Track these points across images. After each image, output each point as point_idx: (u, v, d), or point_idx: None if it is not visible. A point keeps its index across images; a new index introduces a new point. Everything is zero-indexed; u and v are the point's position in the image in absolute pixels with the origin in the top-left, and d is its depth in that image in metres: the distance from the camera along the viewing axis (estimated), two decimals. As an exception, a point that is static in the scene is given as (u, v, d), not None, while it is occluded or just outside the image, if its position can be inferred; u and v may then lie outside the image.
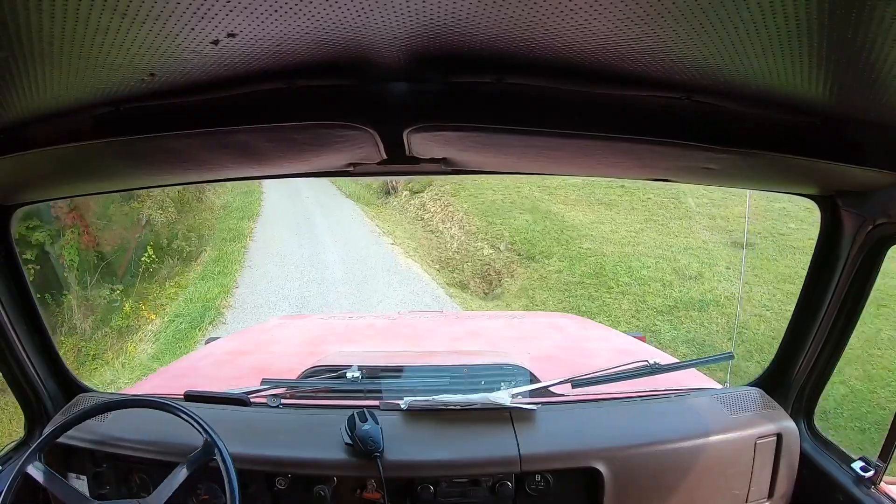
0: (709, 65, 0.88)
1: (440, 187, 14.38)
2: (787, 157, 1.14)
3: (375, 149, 1.24)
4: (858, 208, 1.39)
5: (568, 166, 1.62)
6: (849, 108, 0.99)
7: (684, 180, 1.58)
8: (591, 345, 2.89)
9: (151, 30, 0.74)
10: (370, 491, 1.57)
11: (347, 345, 2.78)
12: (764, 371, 1.86)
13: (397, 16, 0.76)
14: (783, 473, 1.66)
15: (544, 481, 1.59)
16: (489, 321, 3.56)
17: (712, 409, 1.73)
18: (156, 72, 0.91)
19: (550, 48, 0.88)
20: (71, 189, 1.76)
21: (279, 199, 16.41)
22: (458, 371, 2.02)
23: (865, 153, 1.11)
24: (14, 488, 1.40)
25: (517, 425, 1.63)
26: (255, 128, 1.10)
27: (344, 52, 0.90)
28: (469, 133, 1.16)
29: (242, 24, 0.76)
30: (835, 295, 1.52)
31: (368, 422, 1.56)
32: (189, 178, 1.64)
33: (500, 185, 12.95)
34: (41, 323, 1.74)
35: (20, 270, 1.65)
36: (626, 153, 1.28)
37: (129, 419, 1.65)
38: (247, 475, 1.54)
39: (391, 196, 16.26)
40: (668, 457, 1.59)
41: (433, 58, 0.95)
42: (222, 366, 2.61)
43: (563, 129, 1.09)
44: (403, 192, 15.76)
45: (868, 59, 0.76)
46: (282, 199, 16.55)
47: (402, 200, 15.58)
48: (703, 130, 1.09)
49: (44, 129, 1.07)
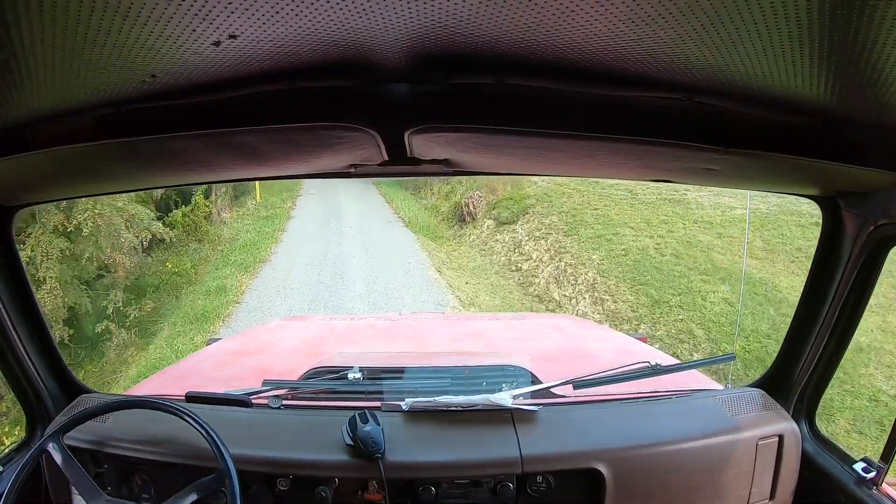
0: (710, 66, 0.88)
1: (541, 218, 10.05)
2: (788, 157, 1.14)
3: (377, 150, 1.24)
4: (860, 209, 1.39)
5: (569, 167, 1.63)
6: (850, 108, 0.99)
7: (686, 181, 1.58)
8: (593, 346, 2.89)
9: (153, 31, 0.74)
10: (371, 492, 1.57)
11: (348, 346, 2.79)
12: (765, 372, 1.86)
13: (398, 17, 0.76)
14: (785, 474, 1.66)
15: (546, 482, 1.59)
16: (490, 322, 3.56)
17: (714, 411, 1.72)
18: (157, 73, 0.91)
19: (551, 49, 0.88)
20: (72, 190, 1.77)
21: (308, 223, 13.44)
22: (459, 372, 2.02)
23: (867, 154, 1.11)
24: (18, 485, 1.40)
25: (518, 426, 1.63)
26: (256, 129, 1.10)
27: (345, 53, 0.90)
28: (470, 134, 1.16)
29: (244, 26, 0.76)
30: (836, 296, 1.51)
31: (370, 423, 1.56)
32: (190, 178, 1.64)
33: (642, 219, 8.60)
34: (42, 323, 1.74)
35: (21, 271, 1.66)
36: (628, 154, 1.28)
37: (130, 420, 1.65)
38: (248, 476, 1.54)
39: (467, 226, 12.48)
40: (670, 458, 1.59)
41: (434, 59, 0.95)
42: (224, 367, 2.61)
43: (564, 130, 1.09)
44: (485, 222, 11.98)
45: (869, 60, 0.76)
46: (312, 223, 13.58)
47: (484, 234, 11.57)
48: (705, 131, 1.09)
49: (45, 130, 1.07)
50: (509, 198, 11.88)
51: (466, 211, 12.48)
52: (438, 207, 14.30)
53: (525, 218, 10.56)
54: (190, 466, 1.57)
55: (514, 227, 10.68)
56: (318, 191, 17.93)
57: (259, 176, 1.71)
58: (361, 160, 1.39)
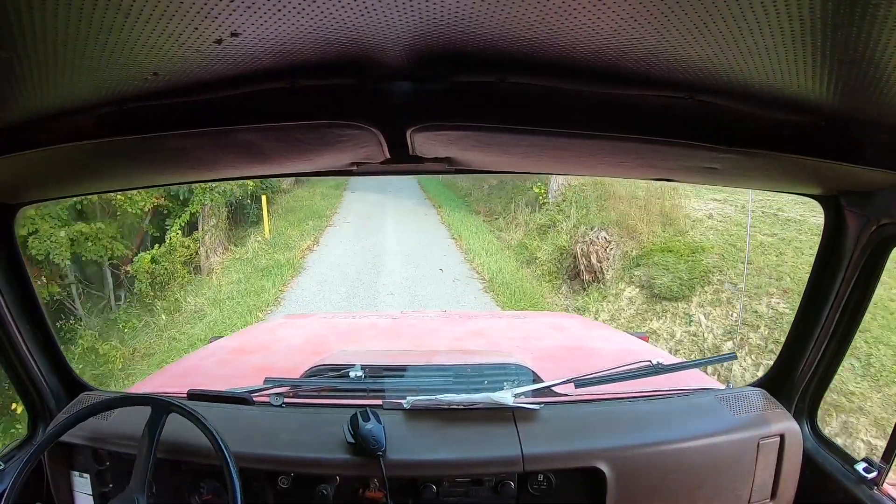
0: (712, 64, 0.88)
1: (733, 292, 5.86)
2: (790, 156, 1.13)
3: (379, 148, 1.24)
4: (862, 209, 1.39)
5: (571, 166, 1.62)
6: (853, 107, 0.99)
7: (688, 180, 1.57)
8: (594, 344, 2.88)
9: (155, 29, 0.74)
10: (373, 490, 1.57)
11: (350, 344, 2.78)
12: (767, 371, 1.86)
13: (400, 15, 0.76)
14: (786, 474, 1.66)
15: (547, 481, 1.59)
16: (492, 321, 3.55)
17: (715, 410, 1.72)
18: (159, 71, 0.91)
19: (553, 47, 0.88)
20: (74, 188, 1.77)
21: (329, 277, 9.07)
22: (461, 370, 2.02)
23: (869, 153, 1.11)
24: (20, 482, 1.41)
25: (520, 425, 1.63)
26: (258, 127, 1.10)
27: (347, 51, 0.90)
28: (472, 132, 1.16)
29: (246, 24, 0.76)
30: (838, 295, 1.51)
31: (371, 421, 1.56)
32: (192, 177, 1.65)
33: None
34: (45, 321, 1.75)
35: (24, 269, 1.66)
36: (629, 153, 1.27)
37: (132, 417, 1.65)
38: (249, 474, 1.54)
39: (588, 289, 7.54)
40: (671, 457, 1.59)
41: (436, 57, 0.95)
42: (225, 364, 2.61)
43: (565, 128, 1.09)
44: (623, 289, 7.01)
45: (872, 59, 0.76)
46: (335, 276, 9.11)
47: (624, 309, 6.77)
48: (707, 130, 1.09)
49: (47, 128, 1.07)
50: (667, 249, 7.14)
51: (585, 264, 7.59)
52: (533, 251, 9.28)
53: (703, 289, 5.92)
54: (191, 464, 1.57)
55: (682, 304, 6.10)
56: (357, 218, 13.19)
57: (261, 174, 1.72)
58: (363, 158, 1.39)
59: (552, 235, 9.51)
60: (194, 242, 10.92)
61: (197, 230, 11.23)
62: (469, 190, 15.61)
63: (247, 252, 10.84)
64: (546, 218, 10.25)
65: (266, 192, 13.08)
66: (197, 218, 11.13)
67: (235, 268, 10.33)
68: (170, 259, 9.95)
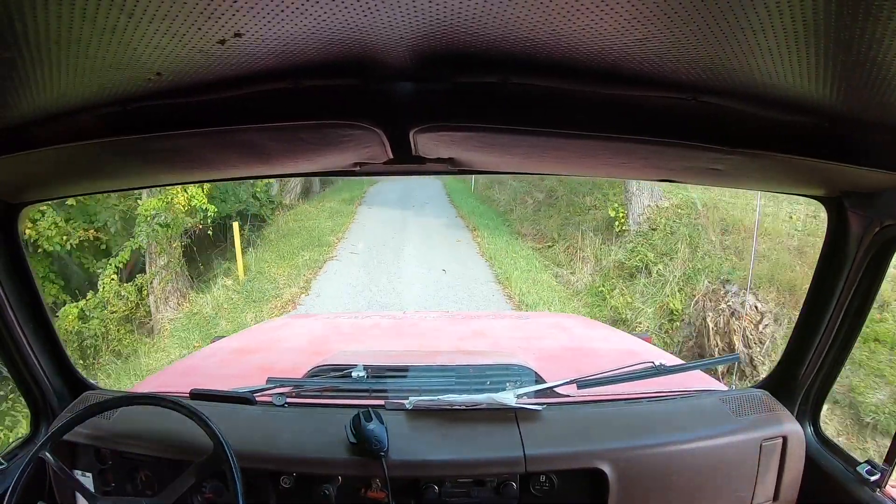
0: (715, 65, 0.88)
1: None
2: (793, 157, 1.13)
3: (382, 148, 1.24)
4: (865, 210, 1.39)
5: (573, 167, 1.62)
6: (856, 108, 0.98)
7: (690, 181, 1.57)
8: (597, 345, 2.88)
9: (158, 29, 0.74)
10: (375, 490, 1.57)
11: (353, 344, 2.78)
12: (769, 373, 1.85)
13: (403, 16, 0.76)
14: (788, 476, 1.65)
15: (549, 482, 1.59)
16: (495, 321, 3.55)
17: (718, 411, 1.72)
18: (162, 71, 0.91)
19: (556, 48, 0.88)
20: (77, 188, 1.78)
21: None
22: (463, 371, 2.02)
23: (873, 154, 1.10)
24: (22, 481, 1.41)
25: (522, 426, 1.63)
26: (261, 127, 1.10)
27: (350, 51, 0.90)
28: (475, 133, 1.16)
29: (249, 24, 0.76)
30: (841, 297, 1.51)
31: (373, 421, 1.56)
32: (195, 176, 1.65)
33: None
34: (48, 321, 1.75)
35: (27, 268, 1.67)
36: (632, 154, 1.27)
37: (134, 417, 1.66)
38: (252, 474, 1.54)
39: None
40: (674, 458, 1.59)
41: (439, 58, 0.95)
42: (228, 364, 2.61)
43: (568, 129, 1.09)
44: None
45: (875, 59, 0.76)
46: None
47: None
48: (710, 131, 1.09)
49: (50, 128, 1.08)
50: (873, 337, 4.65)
51: (721, 347, 4.92)
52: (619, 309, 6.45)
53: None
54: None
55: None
56: (369, 246, 10.35)
57: (264, 174, 1.72)
58: (366, 158, 1.39)
59: (648, 286, 6.41)
60: (138, 291, 8.24)
61: (144, 273, 8.50)
62: (509, 205, 13.01)
63: (206, 304, 8.09)
64: (631, 255, 7.35)
65: (237, 220, 10.09)
66: (143, 256, 8.53)
67: (191, 327, 7.57)
68: (101, 315, 7.31)
